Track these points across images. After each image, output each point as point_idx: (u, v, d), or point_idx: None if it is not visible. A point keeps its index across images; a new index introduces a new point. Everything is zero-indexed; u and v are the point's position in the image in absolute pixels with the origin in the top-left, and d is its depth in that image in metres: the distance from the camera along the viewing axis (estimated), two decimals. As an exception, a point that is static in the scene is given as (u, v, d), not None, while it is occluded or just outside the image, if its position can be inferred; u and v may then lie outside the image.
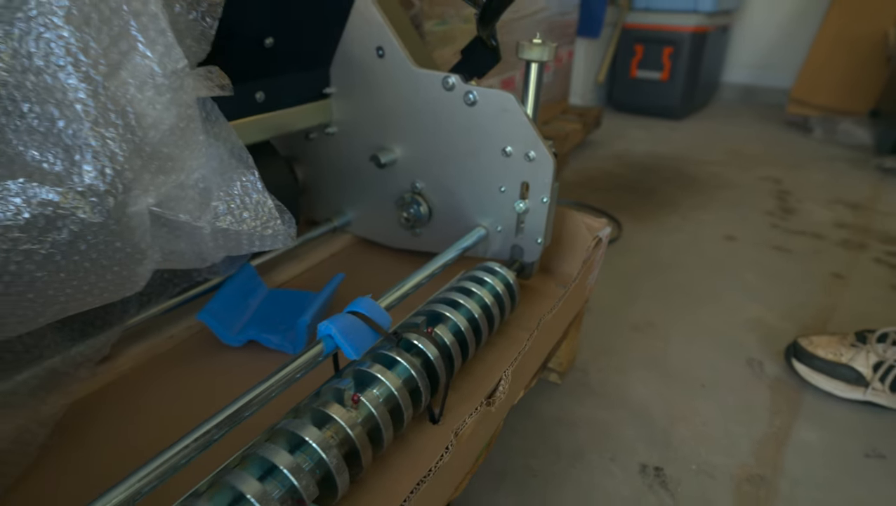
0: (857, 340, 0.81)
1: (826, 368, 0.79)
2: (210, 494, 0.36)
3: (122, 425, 0.52)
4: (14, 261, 0.37)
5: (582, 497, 0.63)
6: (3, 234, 0.36)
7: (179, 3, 0.40)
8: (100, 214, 0.37)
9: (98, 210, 0.37)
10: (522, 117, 0.65)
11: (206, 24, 0.41)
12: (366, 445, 0.44)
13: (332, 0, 0.67)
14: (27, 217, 0.36)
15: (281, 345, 0.63)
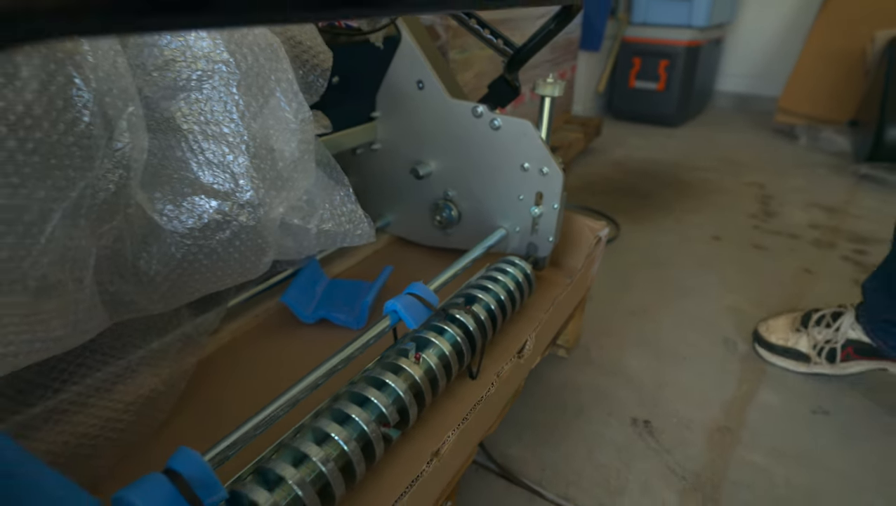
0: (802, 323, 0.98)
1: (779, 351, 0.97)
2: (327, 413, 0.53)
3: (232, 381, 0.68)
4: (192, 252, 0.53)
5: (585, 443, 0.79)
6: (188, 233, 0.52)
7: (302, 69, 0.56)
8: (252, 220, 0.54)
9: (252, 217, 0.53)
10: (538, 140, 0.81)
11: (319, 83, 0.58)
12: (428, 390, 0.60)
13: (382, 50, 0.83)
14: (205, 221, 0.52)
15: (346, 322, 0.79)
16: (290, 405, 0.53)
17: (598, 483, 0.73)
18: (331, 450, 0.49)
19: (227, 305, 0.75)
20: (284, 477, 0.46)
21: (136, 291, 0.55)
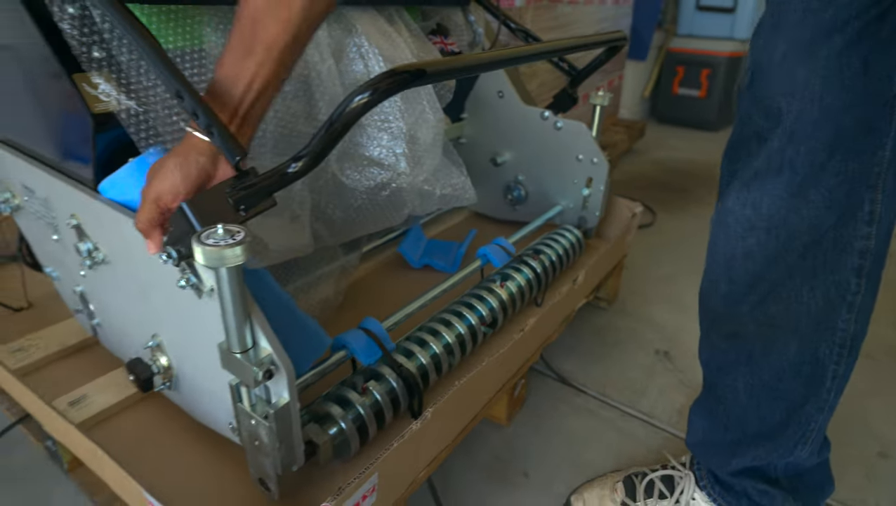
0: (627, 494, 0.75)
1: None
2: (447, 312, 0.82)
3: (367, 299, 0.98)
4: (363, 204, 0.83)
5: (618, 364, 1.06)
6: (363, 191, 0.82)
7: (436, 85, 0.85)
8: (404, 184, 0.83)
9: (406, 182, 0.83)
10: (590, 138, 1.08)
11: (446, 95, 0.87)
12: (509, 306, 0.89)
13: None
14: (375, 183, 0.82)
15: (444, 267, 1.08)
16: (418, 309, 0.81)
17: (627, 387, 0.99)
18: (453, 331, 0.78)
19: (362, 249, 1.05)
20: (427, 341, 0.75)
21: (324, 228, 0.86)
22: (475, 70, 0.58)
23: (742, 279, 0.59)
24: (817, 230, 0.53)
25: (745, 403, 0.64)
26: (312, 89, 0.76)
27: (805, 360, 0.59)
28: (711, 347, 0.67)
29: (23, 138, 0.72)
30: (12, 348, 0.82)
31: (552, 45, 0.72)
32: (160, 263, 0.54)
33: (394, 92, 0.48)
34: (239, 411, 0.55)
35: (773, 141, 0.53)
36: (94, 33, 0.60)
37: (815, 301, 0.56)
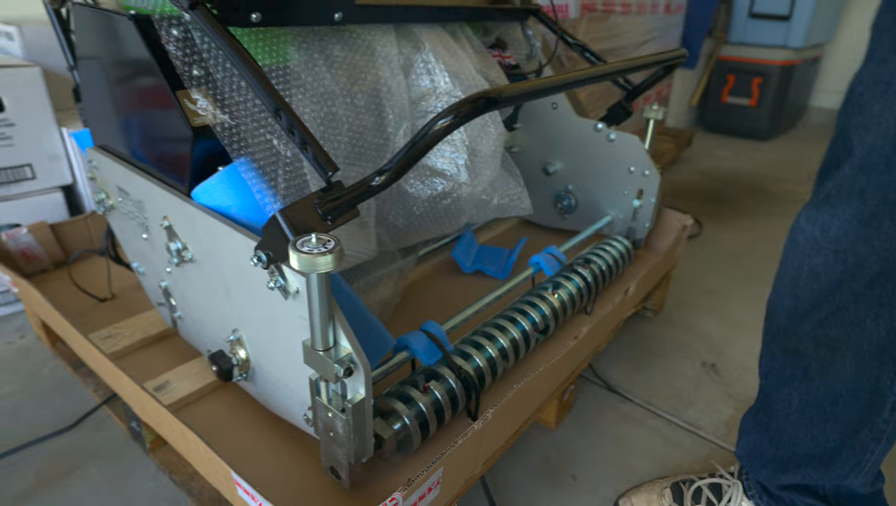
0: (674, 499, 0.77)
1: None
2: (501, 318, 0.85)
3: (422, 302, 1.03)
4: (425, 211, 0.87)
5: (665, 374, 1.07)
6: (426, 200, 0.86)
7: (497, 101, 0.89)
8: (465, 194, 0.87)
9: (466, 192, 0.87)
10: (642, 151, 1.10)
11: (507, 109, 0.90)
12: (560, 313, 0.92)
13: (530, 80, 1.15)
14: (437, 192, 0.86)
15: (495, 273, 1.12)
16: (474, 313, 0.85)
17: (673, 397, 1.01)
18: (507, 336, 0.81)
19: (418, 254, 1.09)
20: (484, 345, 0.79)
21: (386, 233, 0.90)
22: (545, 93, 0.62)
23: (806, 297, 0.61)
24: (888, 262, 0.54)
25: (798, 420, 0.65)
26: (383, 103, 0.81)
27: (863, 386, 0.59)
28: (771, 358, 0.69)
29: (121, 146, 0.79)
30: (103, 336, 0.89)
31: (615, 66, 0.75)
32: (248, 264, 0.59)
33: (472, 117, 0.52)
34: (317, 404, 0.59)
35: (846, 168, 0.55)
36: (195, 53, 0.66)
37: (879, 330, 0.57)
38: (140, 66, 0.67)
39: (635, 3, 1.74)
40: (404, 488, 0.55)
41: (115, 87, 0.75)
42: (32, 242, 1.08)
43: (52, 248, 1.11)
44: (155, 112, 0.69)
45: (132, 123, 0.75)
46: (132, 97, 0.72)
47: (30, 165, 1.14)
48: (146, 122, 0.72)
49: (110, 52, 0.72)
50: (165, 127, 0.68)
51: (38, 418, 0.91)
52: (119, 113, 0.76)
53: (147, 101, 0.69)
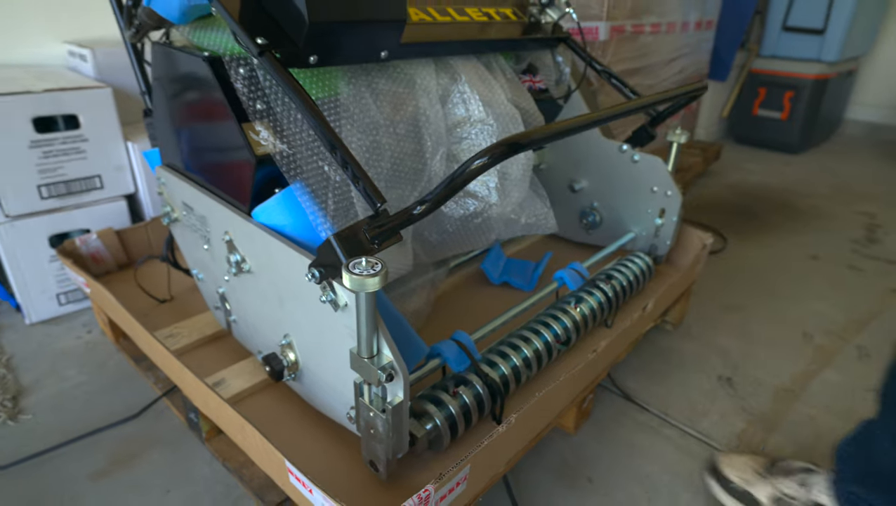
0: (767, 469, 0.87)
1: (733, 491, 0.86)
2: (526, 329, 0.92)
3: (452, 311, 1.10)
4: (457, 229, 0.95)
5: (681, 386, 1.12)
6: (459, 218, 0.94)
7: (525, 125, 0.96)
8: (496, 214, 0.94)
9: (496, 212, 0.94)
10: (665, 172, 1.16)
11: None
12: (582, 327, 0.98)
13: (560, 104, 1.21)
14: (470, 212, 0.93)
15: (521, 285, 1.19)
16: (500, 325, 0.92)
17: (689, 408, 1.06)
18: (531, 346, 0.88)
19: (449, 266, 1.17)
20: (509, 354, 0.86)
21: (421, 248, 0.98)
22: (570, 133, 0.68)
23: None
24: None
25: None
26: (421, 130, 0.88)
27: None
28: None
29: (188, 167, 0.89)
30: (164, 334, 0.99)
31: (637, 102, 0.81)
32: (302, 278, 0.67)
33: (504, 158, 0.59)
34: (360, 405, 0.67)
35: None
36: (258, 90, 0.75)
37: None
38: (211, 101, 0.76)
39: (665, 23, 1.79)
40: (435, 481, 0.62)
41: (187, 116, 0.84)
42: (101, 246, 1.19)
43: (117, 252, 1.22)
44: (222, 141, 0.77)
45: (200, 149, 0.84)
46: (202, 126, 0.81)
47: (99, 176, 1.25)
48: (214, 149, 0.81)
49: (184, 87, 0.81)
50: (231, 155, 0.77)
51: (108, 406, 1.02)
52: (189, 139, 0.86)
53: (215, 131, 0.78)
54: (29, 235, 1.19)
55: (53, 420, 0.98)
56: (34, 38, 1.43)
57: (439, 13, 0.94)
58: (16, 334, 1.22)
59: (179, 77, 0.82)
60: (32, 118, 1.13)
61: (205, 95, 0.77)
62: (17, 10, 1.39)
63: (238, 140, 0.74)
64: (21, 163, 1.14)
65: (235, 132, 0.74)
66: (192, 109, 0.82)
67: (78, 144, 1.20)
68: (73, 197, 1.23)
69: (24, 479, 0.87)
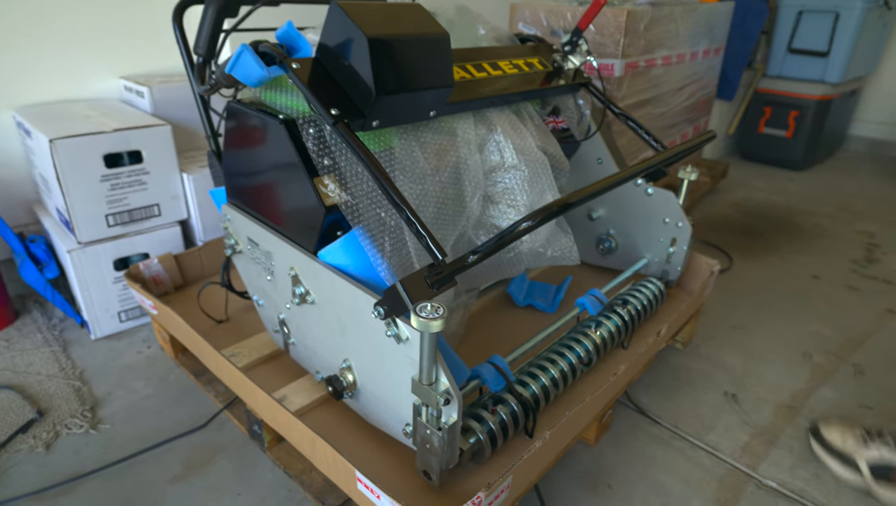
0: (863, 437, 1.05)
1: (833, 451, 1.06)
2: (551, 351, 1.03)
3: (482, 330, 1.21)
4: (493, 261, 1.06)
5: (690, 401, 1.23)
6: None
7: (553, 169, 1.07)
8: (527, 249, 1.05)
9: (525, 247, 1.05)
10: (677, 206, 1.27)
11: (562, 178, 1.08)
12: (601, 349, 1.09)
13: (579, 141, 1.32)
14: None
15: (544, 307, 1.30)
16: (530, 348, 1.03)
17: (697, 422, 1.17)
18: (557, 368, 1.00)
19: (479, 289, 1.28)
20: (538, 375, 0.97)
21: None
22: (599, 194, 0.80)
23: None
24: None
25: None
26: (462, 177, 1.00)
27: None
28: None
29: (256, 208, 1.00)
30: (228, 354, 1.11)
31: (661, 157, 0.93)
32: (365, 313, 0.79)
33: (546, 222, 0.71)
34: (418, 423, 0.79)
35: None
36: (326, 147, 0.86)
37: None
38: (284, 157, 0.88)
39: (675, 55, 1.89)
40: (486, 489, 0.74)
41: (258, 165, 0.96)
42: (161, 270, 1.31)
43: (174, 274, 1.34)
44: (293, 191, 0.89)
45: (269, 195, 0.95)
46: (273, 176, 0.93)
47: (157, 205, 1.37)
48: (283, 197, 0.92)
49: (258, 141, 0.93)
50: (302, 204, 0.88)
51: (175, 416, 1.14)
52: (257, 184, 0.97)
53: (287, 183, 0.90)
54: (97, 260, 1.31)
55: (129, 429, 1.10)
56: (94, 74, 1.55)
57: (476, 70, 1.06)
58: (83, 349, 1.34)
59: (253, 133, 0.93)
60: (104, 155, 1.25)
61: (278, 152, 0.89)
62: (77, 49, 1.51)
63: (310, 193, 0.85)
64: (93, 195, 1.26)
65: (308, 187, 0.85)
66: (264, 161, 0.94)
67: (140, 177, 1.32)
68: (135, 224, 1.35)
69: (112, 482, 0.99)
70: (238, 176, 1.02)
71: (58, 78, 1.50)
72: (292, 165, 0.87)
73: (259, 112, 0.90)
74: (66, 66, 1.50)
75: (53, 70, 1.49)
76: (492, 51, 1.14)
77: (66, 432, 1.08)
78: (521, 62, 1.17)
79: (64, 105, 1.48)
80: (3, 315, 1.40)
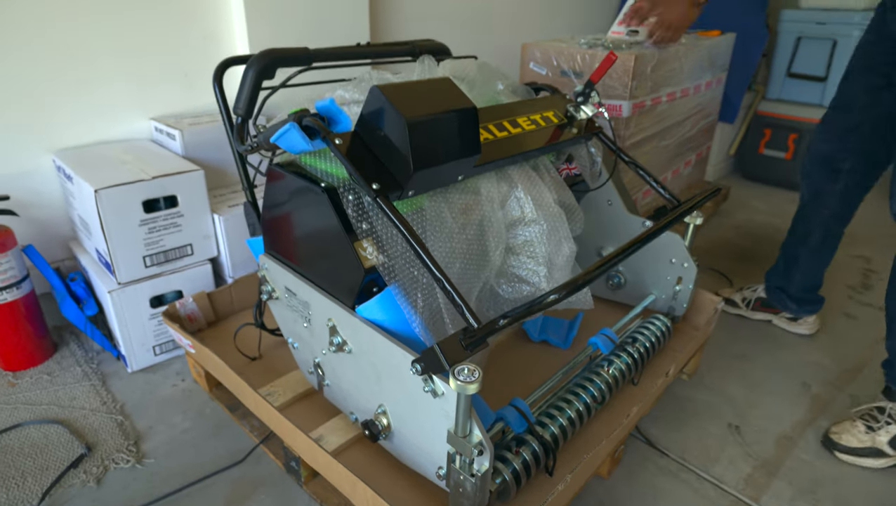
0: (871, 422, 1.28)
1: (857, 453, 1.25)
2: (567, 392, 1.11)
3: (500, 366, 1.29)
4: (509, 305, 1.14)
5: (696, 433, 1.31)
6: (512, 299, 1.13)
7: (569, 222, 1.15)
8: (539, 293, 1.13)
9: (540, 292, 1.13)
10: (683, 247, 1.34)
11: (577, 228, 1.16)
12: (614, 387, 1.17)
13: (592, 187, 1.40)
14: (522, 295, 1.12)
15: (558, 343, 1.38)
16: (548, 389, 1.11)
17: (703, 454, 1.25)
18: (573, 408, 1.07)
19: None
20: (557, 416, 1.05)
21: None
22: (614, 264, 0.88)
23: None
24: None
25: None
26: (486, 232, 1.07)
27: None
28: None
29: (296, 262, 1.07)
30: (265, 393, 1.18)
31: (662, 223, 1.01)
32: (402, 367, 0.86)
33: (565, 298, 0.78)
34: (452, 470, 0.87)
35: None
36: (364, 212, 0.94)
37: None
38: (325, 221, 0.95)
39: (679, 90, 1.97)
40: (515, 531, 0.81)
41: (299, 224, 1.03)
42: (195, 308, 1.38)
43: (207, 312, 1.42)
44: (333, 252, 0.96)
45: (310, 252, 1.03)
46: (314, 236, 1.01)
47: (190, 245, 1.45)
48: (324, 256, 1.00)
49: (300, 204, 1.01)
50: (342, 264, 0.96)
51: (213, 451, 1.21)
52: (298, 241, 1.05)
53: (327, 244, 0.97)
54: (135, 298, 1.38)
55: (173, 464, 1.18)
56: (125, 115, 1.63)
57: (498, 129, 1.14)
58: (121, 382, 1.41)
59: (295, 196, 1.01)
60: (143, 201, 1.33)
61: (320, 216, 0.96)
62: (110, 91, 1.58)
63: (351, 256, 0.93)
64: (132, 239, 1.34)
65: (349, 250, 0.93)
66: (305, 222, 1.01)
67: (176, 220, 1.39)
68: (170, 264, 1.43)
69: (161, 517, 1.06)
70: (277, 231, 1.10)
71: (92, 120, 1.57)
72: (334, 230, 0.94)
73: (301, 177, 0.98)
74: (99, 108, 1.58)
75: (87, 112, 1.56)
76: (511, 108, 1.21)
77: (114, 467, 1.16)
78: (537, 117, 1.24)
79: (99, 148, 1.56)
80: (44, 348, 1.47)
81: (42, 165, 1.52)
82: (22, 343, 1.42)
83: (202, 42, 1.70)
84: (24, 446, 1.20)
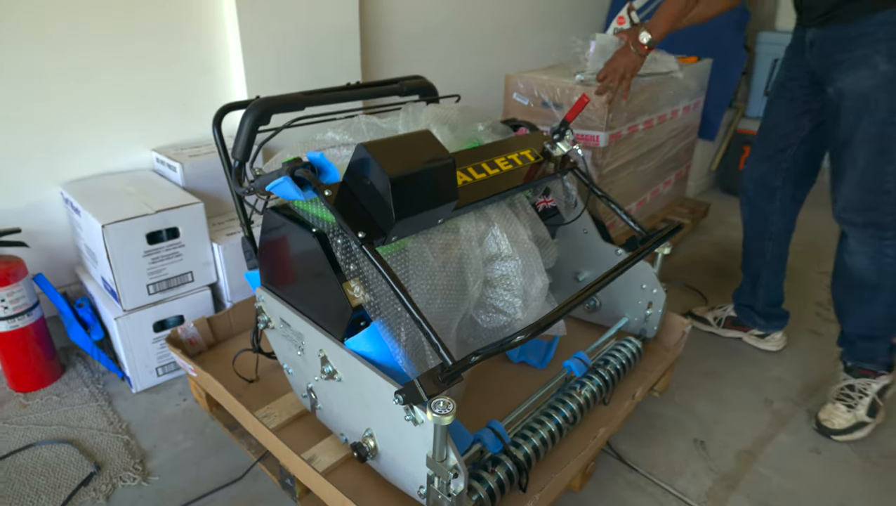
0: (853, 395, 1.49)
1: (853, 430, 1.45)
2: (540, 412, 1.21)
3: (481, 386, 1.39)
4: (490, 335, 1.23)
5: (664, 449, 1.41)
6: (490, 328, 1.22)
7: (542, 256, 1.24)
8: (519, 323, 1.22)
9: (519, 322, 1.22)
10: (652, 275, 1.44)
11: (550, 260, 1.26)
12: (585, 407, 1.26)
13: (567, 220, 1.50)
14: (500, 324, 1.22)
15: (535, 363, 1.47)
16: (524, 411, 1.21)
17: (669, 469, 1.35)
18: (546, 429, 1.17)
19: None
20: (530, 437, 1.15)
21: (460, 346, 1.26)
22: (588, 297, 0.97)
23: None
24: None
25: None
26: (465, 268, 1.17)
27: None
28: None
29: (290, 298, 1.17)
30: (261, 415, 1.27)
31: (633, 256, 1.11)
32: (387, 396, 0.96)
33: (536, 335, 0.88)
34: (431, 490, 0.96)
35: None
36: (351, 254, 1.03)
37: None
38: (316, 263, 1.05)
39: (656, 117, 2.07)
40: (487, 547, 0.91)
41: (292, 263, 1.12)
42: (196, 333, 1.47)
43: (207, 335, 1.51)
44: (324, 291, 1.06)
45: (303, 289, 1.12)
46: (306, 275, 1.10)
47: (191, 272, 1.54)
48: (315, 293, 1.09)
49: (293, 246, 1.10)
50: (332, 302, 1.05)
51: (214, 468, 1.30)
52: (291, 278, 1.14)
53: (318, 283, 1.07)
54: (139, 324, 1.47)
55: (176, 481, 1.27)
56: (128, 147, 1.72)
57: (477, 171, 1.23)
58: (126, 403, 1.50)
59: (288, 238, 1.10)
60: (146, 233, 1.42)
61: (311, 258, 1.06)
62: (112, 124, 1.67)
63: (339, 295, 1.02)
64: (136, 269, 1.43)
65: (338, 290, 1.02)
66: (297, 262, 1.11)
67: (177, 249, 1.48)
68: (172, 290, 1.52)
69: (167, 532, 1.15)
70: (273, 267, 1.19)
71: (97, 153, 1.66)
72: (323, 271, 1.04)
73: (294, 222, 1.07)
74: (104, 141, 1.67)
75: (93, 146, 1.65)
76: (489, 149, 1.31)
77: (122, 485, 1.25)
78: (514, 156, 1.34)
79: (104, 179, 1.65)
80: (53, 369, 1.56)
81: (50, 197, 1.61)
82: (32, 366, 1.51)
83: (201, 76, 1.79)
84: (37, 465, 1.28)
